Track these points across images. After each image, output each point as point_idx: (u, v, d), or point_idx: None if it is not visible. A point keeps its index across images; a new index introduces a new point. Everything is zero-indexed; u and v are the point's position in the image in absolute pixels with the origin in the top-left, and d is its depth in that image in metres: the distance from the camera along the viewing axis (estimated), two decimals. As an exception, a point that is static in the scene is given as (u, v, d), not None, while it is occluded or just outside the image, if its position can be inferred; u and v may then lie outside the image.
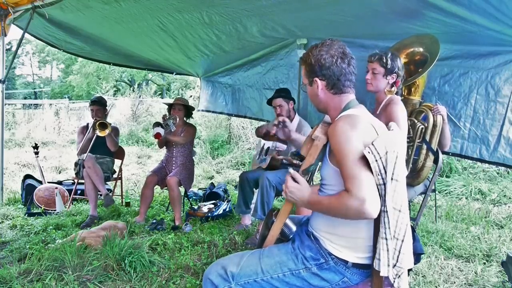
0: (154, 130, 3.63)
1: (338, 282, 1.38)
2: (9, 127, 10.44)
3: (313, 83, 1.46)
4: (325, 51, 1.42)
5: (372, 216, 1.21)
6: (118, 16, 3.32)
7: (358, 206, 1.19)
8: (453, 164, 5.76)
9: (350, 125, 1.29)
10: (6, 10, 3.56)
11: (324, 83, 1.44)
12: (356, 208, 1.20)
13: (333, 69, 1.41)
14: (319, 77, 1.44)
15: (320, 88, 1.45)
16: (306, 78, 1.50)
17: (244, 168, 6.83)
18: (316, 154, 1.41)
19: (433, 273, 2.60)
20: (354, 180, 1.22)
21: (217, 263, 1.49)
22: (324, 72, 1.42)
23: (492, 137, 2.83)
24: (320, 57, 1.42)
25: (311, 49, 1.46)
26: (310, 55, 1.44)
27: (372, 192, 1.22)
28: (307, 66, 1.47)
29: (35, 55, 31.58)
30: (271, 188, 3.10)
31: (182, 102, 3.89)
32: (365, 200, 1.19)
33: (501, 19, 2.31)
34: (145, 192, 3.66)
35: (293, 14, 3.09)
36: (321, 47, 1.43)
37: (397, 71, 2.25)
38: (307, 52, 1.47)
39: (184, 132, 3.85)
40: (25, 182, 4.34)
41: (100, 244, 2.75)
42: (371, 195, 1.21)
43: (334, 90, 1.44)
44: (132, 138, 10.09)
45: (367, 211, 1.19)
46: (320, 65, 1.42)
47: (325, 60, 1.41)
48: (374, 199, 1.21)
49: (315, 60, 1.42)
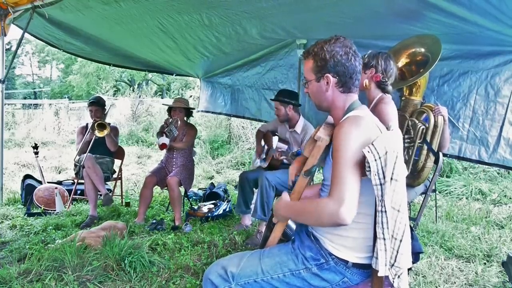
0: (159, 140, 3.60)
1: (338, 282, 1.38)
2: (8, 127, 10.43)
3: (322, 79, 1.39)
4: (340, 47, 1.35)
5: (345, 221, 1.18)
6: (118, 17, 3.32)
7: (335, 209, 1.18)
8: (454, 164, 5.76)
9: (356, 127, 1.27)
10: (6, 10, 3.55)
11: (335, 80, 1.38)
12: (331, 211, 1.18)
13: (347, 66, 1.36)
14: (331, 73, 1.37)
15: (330, 85, 1.40)
16: (313, 73, 1.41)
17: (244, 168, 6.82)
18: (319, 155, 1.40)
19: (434, 273, 2.60)
20: (338, 182, 1.21)
21: (217, 263, 1.49)
22: (338, 69, 1.36)
23: (492, 138, 2.82)
24: (335, 53, 1.35)
25: (323, 44, 1.37)
26: (324, 50, 1.36)
27: (352, 198, 1.19)
28: (319, 60, 1.38)
29: (35, 55, 31.59)
30: (271, 188, 3.10)
31: (182, 104, 3.87)
32: (342, 202, 1.17)
33: (501, 19, 2.30)
34: (144, 193, 3.66)
35: (292, 16, 3.09)
36: (335, 42, 1.36)
37: (374, 65, 2.21)
38: (319, 47, 1.38)
39: (185, 135, 3.85)
40: (25, 182, 4.34)
41: (100, 244, 2.74)
42: (350, 201, 1.19)
43: (343, 88, 1.40)
44: (132, 138, 10.08)
45: (341, 215, 1.17)
46: (336, 61, 1.35)
47: (341, 57, 1.35)
48: (351, 205, 1.19)
49: (330, 55, 1.35)
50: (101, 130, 3.86)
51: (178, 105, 3.82)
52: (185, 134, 3.85)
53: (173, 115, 3.79)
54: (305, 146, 1.52)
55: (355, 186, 1.22)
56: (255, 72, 4.68)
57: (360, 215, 1.32)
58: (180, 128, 3.81)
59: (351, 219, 1.19)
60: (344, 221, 1.18)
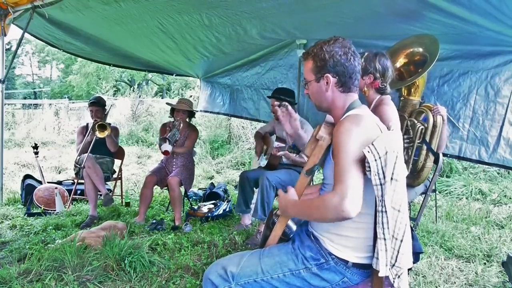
0: (162, 147, 3.57)
1: (338, 282, 1.38)
2: (8, 127, 10.43)
3: (322, 79, 1.41)
4: (339, 47, 1.38)
5: (349, 215, 1.18)
6: (117, 17, 3.32)
7: (338, 202, 1.18)
8: (454, 164, 5.76)
9: (356, 125, 1.28)
10: (5, 10, 3.55)
11: (335, 80, 1.40)
12: (335, 205, 1.19)
13: (347, 66, 1.38)
14: (331, 73, 1.39)
15: (330, 85, 1.41)
16: (313, 74, 1.43)
17: (244, 168, 6.82)
18: (321, 154, 1.41)
19: (434, 273, 2.60)
20: (341, 177, 1.22)
21: (217, 263, 1.49)
22: (337, 69, 1.38)
23: (492, 138, 2.83)
24: (335, 53, 1.37)
25: (322, 45, 1.40)
26: (324, 50, 1.38)
27: (355, 191, 1.20)
28: (319, 61, 1.40)
29: (35, 55, 31.60)
30: (271, 188, 3.10)
31: (185, 106, 3.80)
32: (346, 196, 1.18)
33: (501, 19, 2.30)
34: (144, 193, 3.66)
35: (292, 16, 3.09)
36: (334, 43, 1.38)
37: (372, 72, 2.19)
38: (319, 47, 1.40)
39: (187, 137, 3.82)
40: (25, 182, 4.33)
41: (100, 244, 2.74)
42: (354, 194, 1.19)
43: (343, 88, 1.41)
44: (132, 138, 10.08)
45: (346, 208, 1.17)
46: (335, 61, 1.37)
47: (340, 57, 1.37)
48: (355, 199, 1.19)
49: (330, 55, 1.37)
50: (102, 131, 3.86)
51: (182, 107, 3.77)
52: (187, 136, 3.84)
53: (176, 116, 3.77)
54: (306, 145, 1.52)
55: (358, 180, 1.22)
56: (255, 72, 4.69)
57: (360, 215, 1.32)
58: (182, 130, 3.78)
59: (355, 213, 1.19)
60: (348, 214, 1.18)
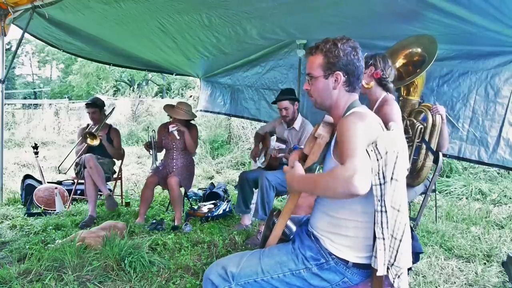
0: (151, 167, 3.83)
1: (338, 282, 1.38)
2: (8, 127, 10.43)
3: (331, 76, 1.40)
4: (351, 47, 1.38)
5: (359, 191, 1.13)
6: (118, 17, 3.32)
7: (348, 177, 1.13)
8: (454, 164, 5.76)
9: (361, 120, 1.29)
10: (6, 10, 3.56)
11: (344, 79, 1.39)
12: (344, 179, 1.14)
13: (358, 66, 1.39)
14: (342, 71, 1.38)
15: (339, 83, 1.40)
16: (322, 70, 1.40)
17: (244, 168, 6.82)
18: (319, 152, 1.41)
19: (434, 273, 2.60)
20: (350, 154, 1.19)
21: (217, 263, 1.49)
22: (349, 68, 1.38)
23: (492, 139, 2.82)
24: (349, 52, 1.37)
25: (336, 41, 1.38)
26: (338, 48, 1.37)
27: (365, 168, 1.16)
28: (332, 57, 1.38)
29: (35, 55, 31.62)
30: (271, 188, 3.10)
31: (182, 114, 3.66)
32: (356, 171, 1.13)
33: (501, 20, 2.30)
34: (145, 193, 3.66)
35: (292, 16, 3.10)
36: (346, 42, 1.38)
37: (373, 63, 2.20)
38: (332, 43, 1.38)
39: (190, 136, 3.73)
40: (25, 182, 4.34)
41: (100, 244, 2.75)
42: (363, 169, 1.15)
43: (349, 88, 1.42)
44: (132, 138, 10.08)
45: (355, 182, 1.12)
46: (348, 59, 1.37)
47: (354, 56, 1.38)
48: (365, 174, 1.15)
49: (344, 53, 1.36)
50: (92, 139, 3.85)
51: (180, 116, 3.66)
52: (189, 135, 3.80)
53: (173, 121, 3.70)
54: (305, 143, 1.52)
55: (366, 160, 1.20)
56: (255, 72, 4.69)
57: (359, 214, 1.33)
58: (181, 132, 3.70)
59: (364, 190, 1.14)
60: (356, 190, 1.13)
